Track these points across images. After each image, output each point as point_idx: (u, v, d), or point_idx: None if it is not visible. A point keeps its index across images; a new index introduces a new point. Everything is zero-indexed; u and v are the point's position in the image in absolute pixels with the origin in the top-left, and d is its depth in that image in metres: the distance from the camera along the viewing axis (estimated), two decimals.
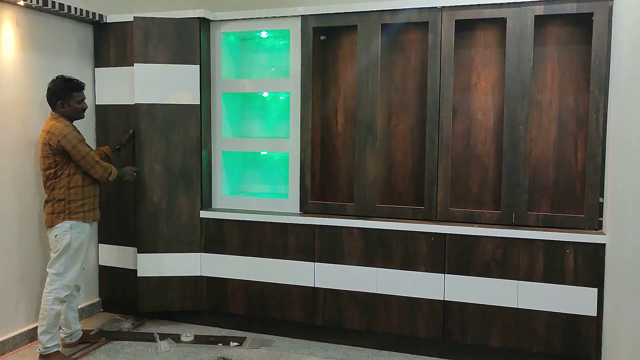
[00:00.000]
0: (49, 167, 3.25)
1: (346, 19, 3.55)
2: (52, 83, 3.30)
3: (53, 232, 3.27)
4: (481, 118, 3.55)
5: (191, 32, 3.74)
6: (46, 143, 3.22)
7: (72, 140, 3.19)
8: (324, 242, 3.58)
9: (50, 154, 3.23)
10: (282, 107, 4.02)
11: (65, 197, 3.25)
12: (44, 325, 3.26)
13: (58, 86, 3.28)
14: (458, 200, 3.58)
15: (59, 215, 3.25)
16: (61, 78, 3.32)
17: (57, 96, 3.27)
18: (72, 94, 3.29)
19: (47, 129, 3.24)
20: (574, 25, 3.32)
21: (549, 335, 3.19)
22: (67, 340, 3.51)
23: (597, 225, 3.17)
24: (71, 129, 3.25)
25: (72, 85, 3.30)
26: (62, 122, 3.25)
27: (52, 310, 3.24)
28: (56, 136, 3.18)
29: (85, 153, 3.24)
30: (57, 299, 3.26)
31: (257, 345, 3.62)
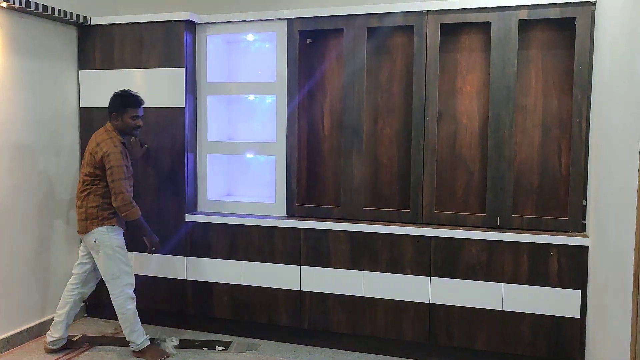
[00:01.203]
0: (88, 175, 3.31)
1: (332, 22, 3.56)
2: (113, 95, 3.39)
3: (90, 237, 3.31)
4: (466, 122, 3.57)
5: (177, 35, 3.73)
6: (92, 154, 3.28)
7: (112, 161, 3.22)
8: (310, 246, 3.58)
9: (93, 164, 3.28)
10: (269, 110, 4.01)
11: (99, 204, 3.30)
12: (128, 326, 3.36)
13: (116, 99, 3.36)
14: (443, 204, 3.60)
15: (93, 221, 3.30)
16: (123, 92, 3.38)
17: (113, 108, 3.35)
18: (127, 109, 3.33)
19: (98, 140, 3.29)
20: (557, 30, 3.36)
21: (534, 338, 3.22)
22: (51, 346, 3.47)
23: (580, 228, 3.20)
24: (118, 149, 3.25)
25: (129, 100, 3.34)
26: (111, 139, 3.28)
27: (128, 311, 3.34)
28: (102, 152, 3.23)
29: (119, 179, 3.22)
30: (128, 298, 3.35)
31: (243, 350, 3.60)
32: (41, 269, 3.78)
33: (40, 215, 3.76)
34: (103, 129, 3.36)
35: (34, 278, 3.73)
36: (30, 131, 3.65)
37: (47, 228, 3.81)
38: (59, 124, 3.88)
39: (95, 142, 3.30)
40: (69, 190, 3.99)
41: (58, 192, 3.90)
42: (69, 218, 4.01)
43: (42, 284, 3.79)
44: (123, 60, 3.88)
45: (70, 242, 4.03)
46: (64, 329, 3.47)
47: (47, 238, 3.83)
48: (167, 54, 3.76)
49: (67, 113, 3.95)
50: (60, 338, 3.48)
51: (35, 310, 3.74)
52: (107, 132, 3.33)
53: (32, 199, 3.68)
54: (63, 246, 3.96)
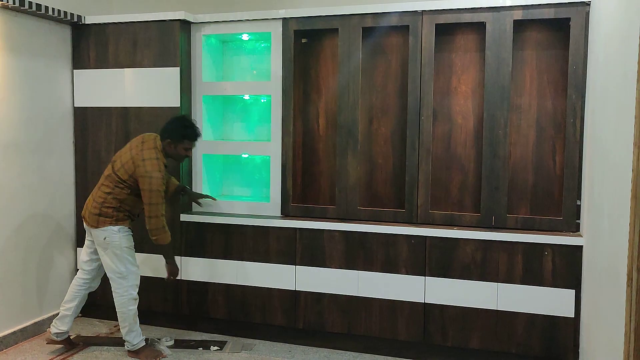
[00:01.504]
0: (117, 176, 3.27)
1: (327, 22, 3.56)
2: (175, 120, 3.37)
3: (100, 234, 3.28)
4: (461, 122, 3.58)
5: (171, 34, 3.72)
6: (135, 163, 3.22)
7: (154, 185, 3.18)
8: (305, 245, 3.58)
9: (129, 172, 3.24)
10: (264, 109, 4.01)
11: (116, 207, 3.28)
12: (126, 326, 3.35)
13: (177, 126, 3.32)
14: (438, 203, 3.60)
15: (106, 219, 3.28)
16: (185, 120, 3.37)
17: (171, 134, 3.31)
18: (185, 140, 3.32)
19: (146, 156, 3.22)
20: (551, 30, 3.37)
21: (528, 337, 3.23)
22: (55, 337, 3.47)
23: (574, 228, 3.21)
24: (161, 175, 3.21)
25: (189, 133, 3.33)
26: (158, 162, 3.23)
27: (130, 311, 3.33)
28: (145, 171, 3.18)
29: (155, 203, 3.19)
30: (132, 299, 3.34)
31: (237, 349, 3.60)
32: (35, 269, 3.77)
33: (34, 215, 3.74)
34: (153, 143, 3.28)
35: (28, 278, 3.71)
36: (24, 130, 3.63)
37: (40, 228, 3.80)
38: (53, 123, 3.87)
39: (142, 156, 3.22)
40: (63, 189, 3.97)
41: (52, 191, 3.88)
42: (63, 218, 3.99)
43: (36, 284, 3.77)
44: (117, 60, 3.87)
45: (65, 242, 4.01)
46: (71, 322, 3.49)
47: (41, 237, 3.81)
48: (161, 53, 3.75)
49: (61, 112, 3.94)
50: (67, 331, 3.49)
51: (29, 310, 3.73)
52: (156, 151, 3.25)
53: (25, 198, 3.67)
54: (57, 246, 3.95)
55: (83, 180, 4.02)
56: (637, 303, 2.10)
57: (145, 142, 3.31)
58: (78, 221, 4.06)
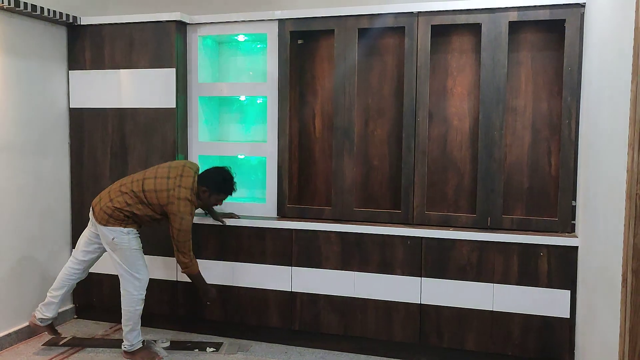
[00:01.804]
0: (147, 200, 3.26)
1: (323, 23, 3.56)
2: (217, 171, 3.38)
3: (109, 233, 3.28)
4: (457, 123, 3.58)
5: (167, 35, 3.71)
6: (169, 199, 3.22)
7: (184, 225, 3.22)
8: (301, 246, 3.58)
9: (162, 204, 3.25)
10: (260, 111, 4.01)
11: (130, 216, 3.29)
12: (130, 324, 3.35)
13: (218, 179, 3.36)
14: (434, 204, 3.61)
15: (115, 221, 3.28)
16: (226, 174, 3.39)
17: (209, 183, 3.33)
18: (220, 194, 3.37)
19: (182, 194, 3.22)
20: (546, 32, 3.38)
21: (524, 338, 3.23)
22: (39, 323, 3.48)
23: (570, 229, 3.22)
24: (191, 217, 3.26)
25: (226, 187, 3.38)
26: (192, 205, 3.26)
27: (136, 311, 3.34)
28: (177, 209, 3.21)
29: (183, 240, 3.24)
30: (140, 299, 3.35)
31: (234, 351, 3.59)
32: (30, 271, 3.75)
33: (30, 216, 3.73)
34: (191, 181, 3.27)
35: (23, 280, 3.70)
36: (19, 131, 3.62)
37: (36, 229, 3.79)
38: (49, 125, 3.86)
39: (178, 194, 3.22)
40: (58, 191, 3.96)
41: (47, 192, 3.87)
42: (59, 219, 3.98)
43: (31, 285, 3.76)
44: (113, 61, 3.86)
45: (60, 243, 4.00)
46: (57, 309, 3.50)
47: (36, 239, 3.80)
48: (157, 54, 3.75)
49: (56, 113, 3.92)
50: (52, 317, 3.50)
51: (24, 312, 3.71)
52: (192, 193, 3.26)
53: (20, 200, 3.65)
54: (52, 247, 3.93)
55: (79, 181, 4.01)
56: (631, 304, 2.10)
57: (184, 178, 3.28)
58: (74, 223, 4.05)
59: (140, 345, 3.42)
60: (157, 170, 3.34)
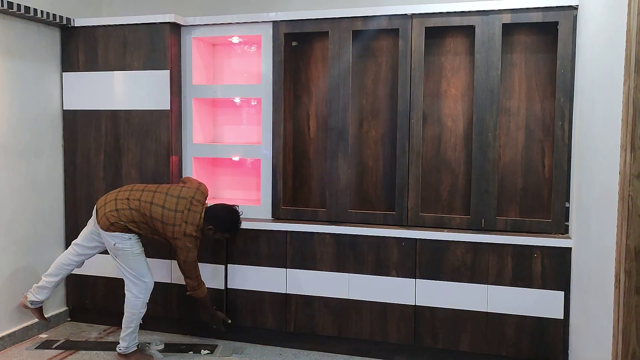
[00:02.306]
0: (152, 222, 3.26)
1: (317, 25, 3.56)
2: (228, 211, 3.38)
3: (111, 239, 3.28)
4: (451, 125, 3.59)
5: (161, 37, 3.71)
6: (173, 231, 3.23)
7: (189, 257, 3.25)
8: (296, 248, 3.57)
9: (165, 230, 3.25)
10: (254, 112, 4.01)
11: (131, 228, 3.29)
12: (131, 327, 3.35)
13: (226, 219, 3.36)
14: (429, 206, 3.62)
15: (117, 229, 3.28)
16: (234, 215, 3.39)
17: (216, 221, 3.33)
18: (226, 233, 3.39)
19: (188, 230, 3.23)
20: (540, 34, 3.39)
21: (518, 339, 3.24)
22: (29, 305, 3.48)
23: (563, 230, 3.24)
24: (196, 250, 3.29)
25: (233, 228, 3.40)
26: (196, 240, 3.28)
27: (140, 314, 3.36)
28: (182, 240, 3.23)
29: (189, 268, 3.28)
30: (145, 303, 3.37)
31: (228, 353, 3.58)
32: (23, 273, 3.73)
33: (23, 217, 3.71)
34: (198, 218, 3.27)
35: (16, 282, 3.68)
36: (12, 133, 3.60)
37: (29, 231, 3.76)
38: (42, 126, 3.84)
39: (185, 230, 3.23)
40: (51, 193, 3.94)
41: (41, 194, 3.85)
42: (52, 221, 3.96)
43: (25, 288, 3.73)
44: (107, 62, 3.85)
45: (54, 245, 3.98)
46: (49, 294, 3.52)
47: (29, 241, 3.77)
48: (151, 56, 3.74)
49: (50, 115, 3.91)
50: (42, 301, 3.52)
51: (17, 315, 3.68)
52: (197, 229, 3.27)
53: (13, 202, 3.64)
54: (45, 250, 3.91)
55: (72, 183, 3.99)
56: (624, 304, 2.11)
57: (191, 213, 3.27)
58: (67, 224, 4.03)
59: (134, 348, 3.41)
60: (166, 199, 3.30)
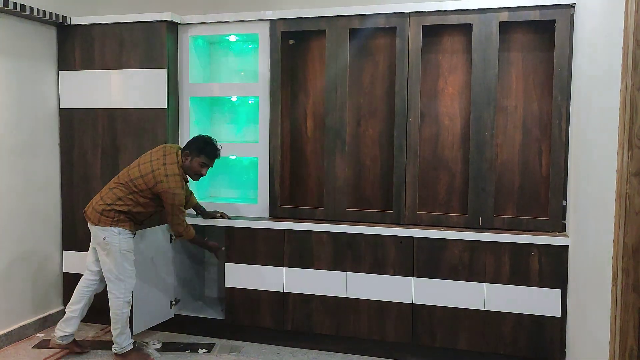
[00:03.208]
0: (134, 185, 3.28)
1: (315, 23, 3.55)
2: (199, 135, 3.41)
3: (100, 233, 3.28)
4: (448, 123, 3.59)
5: (158, 35, 3.70)
6: (156, 177, 3.24)
7: (177, 201, 3.25)
8: (293, 247, 3.57)
9: (149, 184, 3.26)
10: (251, 111, 4.00)
11: (122, 211, 3.29)
12: (118, 328, 3.34)
13: (198, 141, 3.36)
14: (426, 205, 3.62)
15: (107, 219, 3.28)
16: (207, 137, 3.39)
17: (190, 147, 3.34)
18: (202, 155, 3.34)
19: (169, 171, 3.25)
20: (537, 32, 3.40)
21: (515, 337, 3.24)
22: (60, 341, 3.44)
23: (560, 228, 3.24)
24: (184, 190, 3.31)
25: (207, 149, 3.35)
26: (181, 178, 3.29)
27: (123, 314, 3.33)
28: (168, 186, 3.23)
29: (177, 214, 3.29)
30: (126, 302, 3.34)
31: (226, 352, 3.58)
32: (20, 272, 3.72)
33: (20, 217, 3.70)
34: (174, 157, 3.31)
35: (13, 281, 3.67)
36: (8, 132, 3.59)
37: (26, 230, 3.75)
38: (39, 125, 3.83)
39: (166, 171, 3.25)
40: (48, 192, 3.93)
41: (37, 193, 3.84)
42: (49, 220, 3.95)
43: (22, 287, 3.72)
44: (103, 61, 3.84)
45: (50, 245, 3.97)
46: (77, 324, 3.48)
47: (26, 240, 3.76)
48: (148, 54, 3.73)
49: (46, 114, 3.89)
50: (72, 333, 3.47)
51: (13, 314, 3.68)
52: (178, 167, 3.29)
53: (10, 201, 3.62)
54: (42, 248, 3.90)
55: (69, 182, 3.98)
56: (622, 302, 2.12)
57: (167, 156, 3.31)
58: (64, 223, 4.02)
59: (130, 347, 3.40)
60: (140, 159, 3.38)
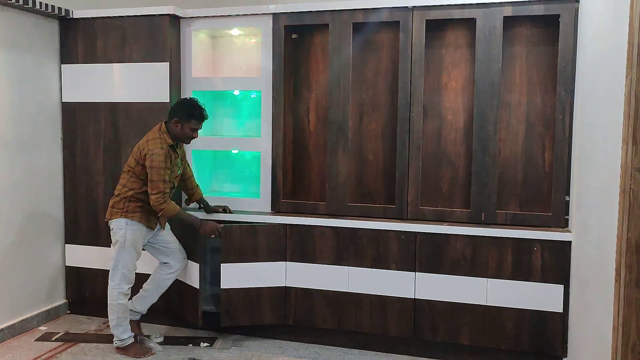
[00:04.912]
0: (130, 167, 3.36)
1: (318, 17, 3.54)
2: (182, 100, 3.41)
3: (111, 225, 3.38)
4: (451, 118, 3.58)
5: (161, 29, 3.69)
6: (140, 148, 3.32)
7: (155, 162, 3.23)
8: (295, 241, 3.57)
9: (137, 158, 3.32)
10: (254, 105, 3.99)
11: (128, 197, 3.34)
12: (114, 319, 3.36)
13: (184, 106, 3.34)
14: (428, 199, 3.61)
15: (117, 211, 3.35)
16: (193, 101, 3.37)
17: (177, 114, 3.33)
18: (191, 120, 3.32)
19: (149, 138, 3.32)
20: (541, 27, 3.38)
21: (517, 332, 3.24)
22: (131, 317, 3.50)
23: (563, 223, 3.23)
24: (163, 152, 3.26)
25: (196, 113, 3.33)
26: (161, 140, 3.29)
27: (119, 305, 3.34)
28: (147, 149, 3.27)
29: (157, 180, 3.23)
30: (121, 293, 3.35)
31: (227, 346, 3.59)
32: (22, 267, 3.73)
33: (22, 211, 3.70)
34: (157, 128, 3.36)
35: (15, 275, 3.68)
36: (10, 126, 3.59)
37: (28, 224, 3.76)
38: (41, 119, 3.83)
39: (146, 139, 3.33)
40: (50, 186, 3.93)
41: (40, 187, 3.84)
42: (51, 214, 3.95)
43: (25, 280, 3.73)
44: (106, 55, 3.83)
45: (53, 239, 3.98)
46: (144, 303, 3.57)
47: (29, 234, 3.77)
48: (150, 48, 3.72)
49: (48, 108, 3.89)
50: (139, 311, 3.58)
51: (16, 307, 3.69)
52: (159, 132, 3.33)
53: (12, 195, 3.63)
54: (45, 242, 3.91)
55: (71, 176, 3.99)
56: (625, 298, 2.11)
57: (150, 131, 3.40)
58: (66, 217, 4.03)
59: (131, 341, 3.41)
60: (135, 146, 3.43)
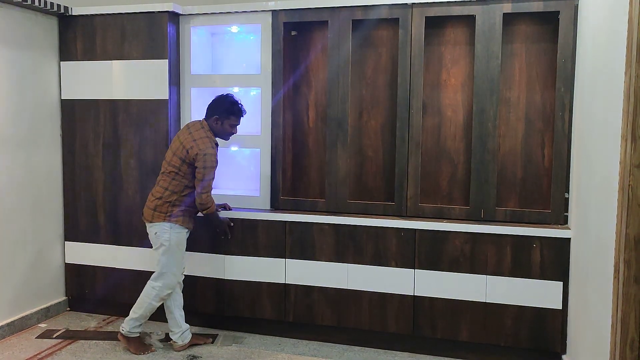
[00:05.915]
0: (174, 167, 3.30)
1: (317, 14, 3.54)
2: (221, 97, 3.38)
3: (153, 228, 3.32)
4: (451, 115, 3.58)
5: (160, 26, 3.68)
6: (186, 147, 3.26)
7: (208, 162, 3.23)
8: (295, 238, 3.57)
9: (183, 157, 3.27)
10: (253, 102, 3.99)
11: (172, 201, 3.30)
12: (139, 313, 3.36)
13: (224, 103, 3.34)
14: (428, 196, 3.61)
15: (160, 215, 3.30)
16: (230, 97, 3.37)
17: (217, 111, 3.34)
18: (231, 117, 3.34)
19: (196, 137, 3.27)
20: (540, 24, 3.38)
21: (517, 329, 3.25)
22: (180, 342, 3.45)
23: (562, 220, 3.24)
24: (214, 151, 3.28)
25: (235, 109, 3.35)
26: (209, 140, 3.29)
27: (150, 305, 3.35)
28: (199, 149, 3.23)
29: (208, 179, 3.25)
30: (159, 296, 3.35)
31: (228, 343, 3.59)
32: (22, 264, 3.73)
33: (21, 208, 3.70)
34: (199, 125, 3.34)
35: (15, 273, 3.68)
36: (9, 123, 3.59)
37: (28, 222, 3.76)
38: (40, 116, 3.83)
39: (193, 137, 3.27)
40: (50, 183, 3.93)
41: (39, 184, 3.84)
42: (51, 211, 3.96)
43: (24, 278, 3.74)
44: (105, 51, 3.83)
45: (53, 236, 3.98)
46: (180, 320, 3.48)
47: (28, 232, 3.77)
48: (150, 45, 3.72)
49: (48, 105, 3.89)
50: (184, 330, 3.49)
51: (16, 305, 3.69)
52: (204, 131, 3.31)
53: (12, 192, 3.63)
54: (45, 240, 3.91)
55: (71, 173, 3.99)
56: (623, 294, 2.12)
57: (191, 127, 3.36)
58: (66, 214, 4.03)
59: (137, 335, 3.43)
60: (170, 145, 3.40)
